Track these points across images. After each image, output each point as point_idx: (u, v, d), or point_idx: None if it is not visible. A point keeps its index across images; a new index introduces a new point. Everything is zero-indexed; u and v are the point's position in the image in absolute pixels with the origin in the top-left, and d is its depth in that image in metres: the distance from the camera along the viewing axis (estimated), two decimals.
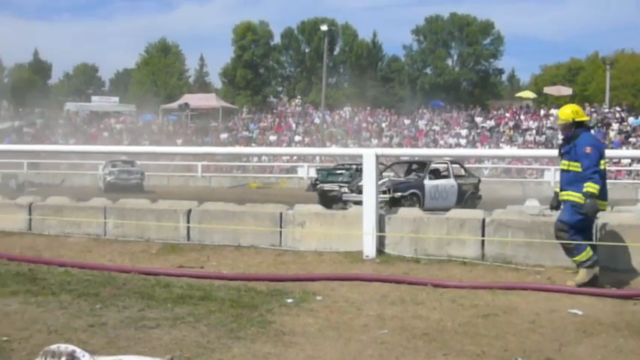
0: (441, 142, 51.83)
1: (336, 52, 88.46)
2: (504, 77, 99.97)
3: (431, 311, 7.46)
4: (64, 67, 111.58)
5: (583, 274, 8.60)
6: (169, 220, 11.97)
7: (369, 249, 10.44)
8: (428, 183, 21.29)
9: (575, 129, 8.86)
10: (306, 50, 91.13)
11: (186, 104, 61.35)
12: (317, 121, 59.79)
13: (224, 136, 59.18)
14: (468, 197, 21.91)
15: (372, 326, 6.81)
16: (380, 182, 20.71)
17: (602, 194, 8.58)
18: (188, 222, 11.86)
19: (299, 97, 78.12)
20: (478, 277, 9.28)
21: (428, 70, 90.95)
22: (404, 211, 11.29)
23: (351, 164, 24.20)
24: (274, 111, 70.06)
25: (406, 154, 25.07)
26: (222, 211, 11.90)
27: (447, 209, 12.51)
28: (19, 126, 65.59)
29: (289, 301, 7.83)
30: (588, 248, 8.66)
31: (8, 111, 77.26)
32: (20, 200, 13.73)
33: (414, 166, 22.99)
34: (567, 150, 8.85)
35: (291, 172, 46.14)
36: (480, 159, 41.08)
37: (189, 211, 11.94)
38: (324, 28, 51.19)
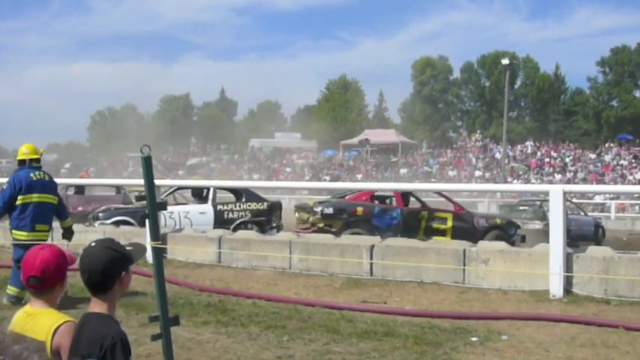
0: (630, 178, 49.76)
1: (517, 86, 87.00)
2: None
3: (623, 355, 7.18)
4: (249, 104, 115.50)
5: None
6: (353, 255, 12.09)
7: (556, 288, 10.12)
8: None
9: (18, 167, 10.03)
10: (486, 84, 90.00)
11: (367, 140, 62.03)
12: (498, 155, 58.98)
13: (404, 171, 59.50)
14: (244, 223, 19.24)
15: None
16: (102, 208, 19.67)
17: (22, 226, 9.66)
18: (371, 257, 11.93)
19: (479, 131, 77.44)
20: None
21: (614, 103, 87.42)
22: (593, 250, 10.88)
23: (534, 200, 23.68)
24: (454, 146, 69.85)
25: (594, 191, 24.14)
26: (405, 247, 11.90)
27: None
28: (206, 161, 68.76)
29: (474, 339, 7.74)
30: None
31: (197, 147, 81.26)
32: (211, 234, 14.30)
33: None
34: None
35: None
36: None
37: (372, 247, 12.02)
38: (505, 61, 50.46)
